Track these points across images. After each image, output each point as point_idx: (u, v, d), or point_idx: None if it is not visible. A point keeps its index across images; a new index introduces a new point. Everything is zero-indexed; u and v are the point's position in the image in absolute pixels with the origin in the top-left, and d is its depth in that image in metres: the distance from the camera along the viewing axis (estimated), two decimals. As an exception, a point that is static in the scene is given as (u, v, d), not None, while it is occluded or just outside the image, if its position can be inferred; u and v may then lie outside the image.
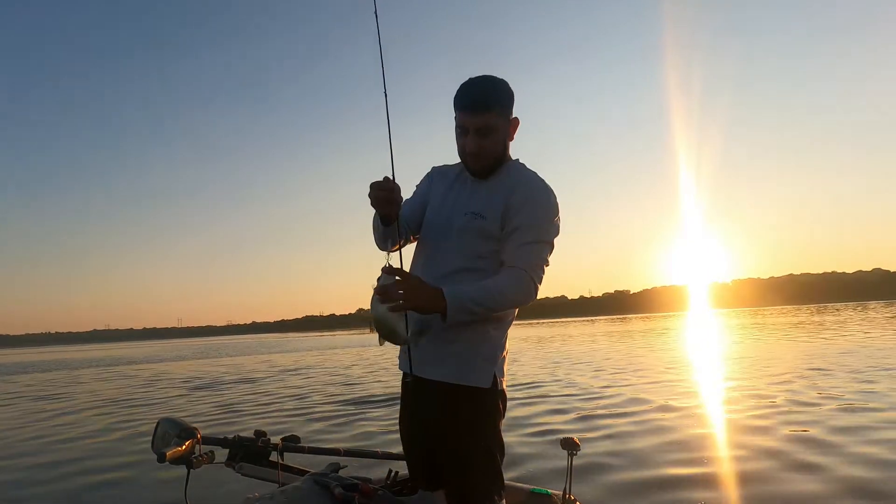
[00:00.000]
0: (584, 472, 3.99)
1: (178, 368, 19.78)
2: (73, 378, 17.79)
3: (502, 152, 1.70)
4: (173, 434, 1.83)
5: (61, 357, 41.50)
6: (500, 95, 1.65)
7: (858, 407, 6.09)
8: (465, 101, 1.64)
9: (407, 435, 1.80)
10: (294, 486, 1.67)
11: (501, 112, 1.65)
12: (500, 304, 1.58)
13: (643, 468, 4.17)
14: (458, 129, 1.67)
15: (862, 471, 3.82)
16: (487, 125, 1.62)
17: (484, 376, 1.64)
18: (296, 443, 2.11)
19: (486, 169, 1.70)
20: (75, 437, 6.77)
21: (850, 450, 4.36)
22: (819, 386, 7.68)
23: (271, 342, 56.56)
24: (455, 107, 1.66)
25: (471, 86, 1.65)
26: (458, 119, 1.66)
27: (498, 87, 1.65)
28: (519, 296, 1.60)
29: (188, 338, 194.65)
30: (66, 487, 4.52)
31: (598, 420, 6.12)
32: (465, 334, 1.63)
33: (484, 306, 1.54)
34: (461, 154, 1.71)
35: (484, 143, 1.64)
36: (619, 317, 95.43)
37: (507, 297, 1.59)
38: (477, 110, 1.61)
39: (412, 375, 1.70)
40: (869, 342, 14.64)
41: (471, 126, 1.63)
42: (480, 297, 1.53)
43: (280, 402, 8.89)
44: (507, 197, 1.66)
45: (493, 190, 1.69)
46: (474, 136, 1.63)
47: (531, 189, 1.67)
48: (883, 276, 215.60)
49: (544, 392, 8.37)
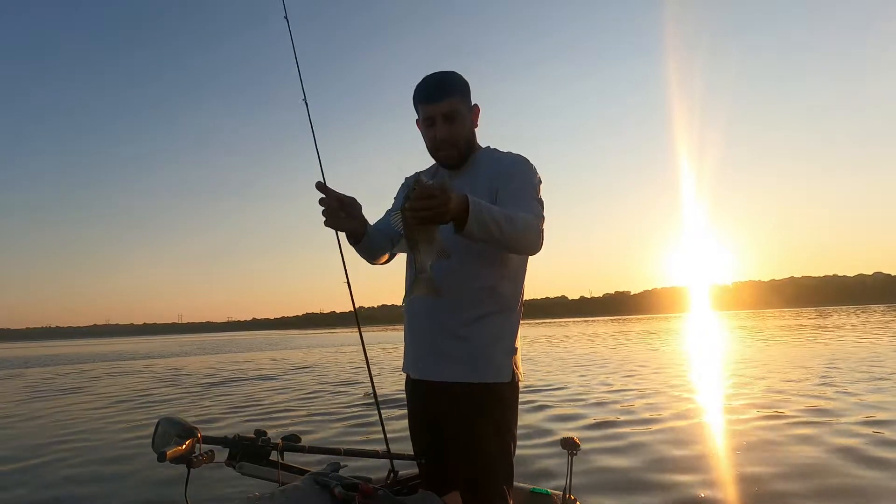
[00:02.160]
0: (584, 472, 3.99)
1: (189, 364, 19.77)
2: (85, 373, 17.78)
3: (471, 138, 1.76)
4: (173, 433, 1.82)
5: (65, 351, 41.49)
6: (456, 82, 1.71)
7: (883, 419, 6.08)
8: (426, 92, 1.69)
9: (420, 436, 1.82)
10: (294, 485, 1.67)
11: (462, 99, 1.71)
12: (517, 233, 1.49)
13: (644, 468, 4.17)
14: (425, 123, 1.71)
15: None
16: (452, 110, 1.67)
17: (504, 371, 1.66)
18: (296, 442, 2.10)
19: (461, 156, 1.73)
20: (81, 433, 6.78)
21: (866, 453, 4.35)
22: (825, 394, 7.67)
23: (276, 339, 56.59)
24: (417, 102, 1.72)
25: (428, 79, 1.72)
26: (423, 112, 1.71)
27: (454, 76, 1.72)
28: (532, 235, 1.55)
29: (189, 334, 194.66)
30: (65, 488, 4.52)
31: (598, 420, 6.11)
32: (483, 329, 1.65)
33: (501, 228, 1.44)
34: (432, 148, 1.74)
35: (453, 128, 1.69)
36: (620, 318, 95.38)
37: (524, 231, 1.52)
38: (440, 98, 1.67)
39: (425, 381, 1.72)
40: (869, 347, 14.62)
41: (437, 114, 1.67)
42: (502, 216, 1.45)
43: (282, 403, 8.90)
44: (491, 178, 1.70)
45: (474, 176, 1.72)
46: (443, 123, 1.68)
47: (513, 161, 1.74)
48: (884, 279, 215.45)
49: (544, 392, 8.36)
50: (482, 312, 1.67)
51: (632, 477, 3.99)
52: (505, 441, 1.65)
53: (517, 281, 1.74)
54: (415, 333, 1.79)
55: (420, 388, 1.77)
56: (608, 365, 12.44)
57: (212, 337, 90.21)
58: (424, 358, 1.73)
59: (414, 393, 1.83)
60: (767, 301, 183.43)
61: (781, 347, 15.75)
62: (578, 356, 15.33)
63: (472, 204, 1.39)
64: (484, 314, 1.67)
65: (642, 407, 6.84)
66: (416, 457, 1.85)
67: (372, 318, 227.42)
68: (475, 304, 1.67)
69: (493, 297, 1.69)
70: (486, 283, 1.68)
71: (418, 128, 1.78)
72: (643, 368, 11.40)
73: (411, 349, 1.81)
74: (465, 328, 1.65)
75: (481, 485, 1.62)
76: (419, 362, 1.76)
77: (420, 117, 1.73)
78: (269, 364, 18.06)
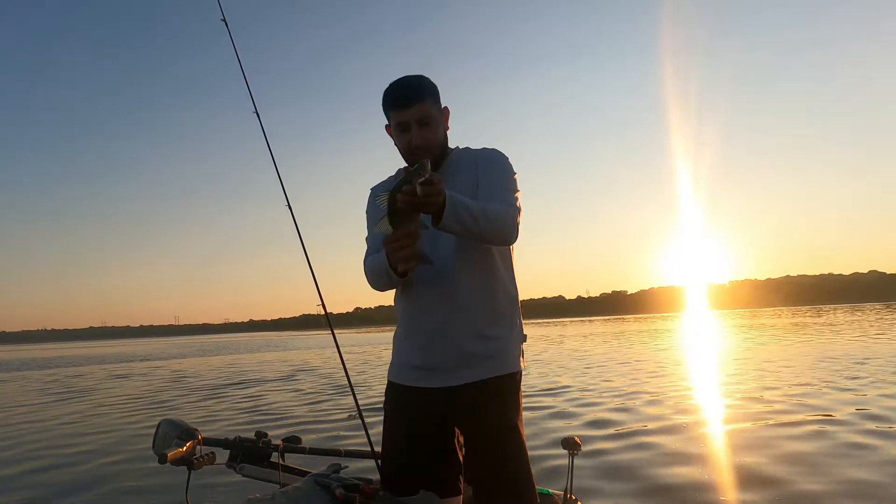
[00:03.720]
0: (585, 472, 3.99)
1: (192, 366, 19.73)
2: (90, 375, 17.73)
3: (445, 141, 1.74)
4: (174, 435, 1.82)
5: (63, 354, 41.36)
6: (426, 86, 1.68)
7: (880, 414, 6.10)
8: (397, 97, 1.66)
9: (409, 440, 1.70)
10: (295, 486, 1.67)
11: (434, 102, 1.68)
12: (492, 224, 1.53)
13: (646, 468, 4.17)
14: (398, 129, 1.68)
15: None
16: (425, 114, 1.65)
17: (518, 360, 1.71)
18: (297, 443, 2.10)
19: (436, 159, 1.69)
20: (87, 434, 6.76)
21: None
22: (825, 391, 7.69)
23: (275, 340, 56.49)
24: (388, 108, 1.68)
25: (397, 84, 1.68)
26: (395, 119, 1.67)
27: (423, 80, 1.69)
28: (508, 226, 1.58)
29: (186, 335, 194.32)
30: (66, 487, 4.51)
31: (598, 420, 6.12)
32: (505, 322, 1.68)
33: (477, 220, 1.48)
34: (407, 154, 1.70)
35: (427, 134, 1.66)
36: (617, 317, 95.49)
37: (498, 223, 1.55)
38: (412, 103, 1.64)
39: (446, 389, 1.65)
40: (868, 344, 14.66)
41: (410, 119, 1.64)
42: (477, 209, 1.49)
43: (282, 403, 8.89)
44: (470, 175, 1.69)
45: (452, 176, 1.69)
46: (417, 129, 1.65)
47: (489, 155, 1.73)
48: (879, 277, 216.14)
49: (543, 392, 8.37)
50: (501, 306, 1.69)
51: (633, 477, 3.99)
52: (521, 427, 1.67)
53: (513, 268, 1.78)
54: (430, 338, 1.66)
55: (428, 396, 1.67)
56: (608, 364, 12.46)
57: (210, 339, 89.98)
58: (447, 366, 1.64)
59: (412, 402, 1.70)
60: (764, 300, 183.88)
61: (780, 346, 15.78)
62: (578, 356, 15.34)
63: (448, 198, 1.41)
64: (503, 307, 1.70)
65: (643, 406, 6.85)
66: (397, 471, 1.73)
67: (370, 318, 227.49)
68: (494, 300, 1.68)
69: (506, 290, 1.72)
70: (498, 278, 1.70)
71: (388, 133, 1.75)
72: (643, 368, 11.41)
73: (419, 355, 1.69)
74: (491, 327, 1.65)
75: (517, 472, 1.60)
76: (441, 372, 1.65)
77: (392, 123, 1.70)
78: (269, 366, 18.05)
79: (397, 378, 1.76)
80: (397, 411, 1.76)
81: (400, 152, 1.74)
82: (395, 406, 1.77)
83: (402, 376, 1.74)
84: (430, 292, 1.66)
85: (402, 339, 1.77)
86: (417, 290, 1.70)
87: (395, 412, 1.77)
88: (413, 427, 1.71)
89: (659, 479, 3.91)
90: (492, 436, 1.62)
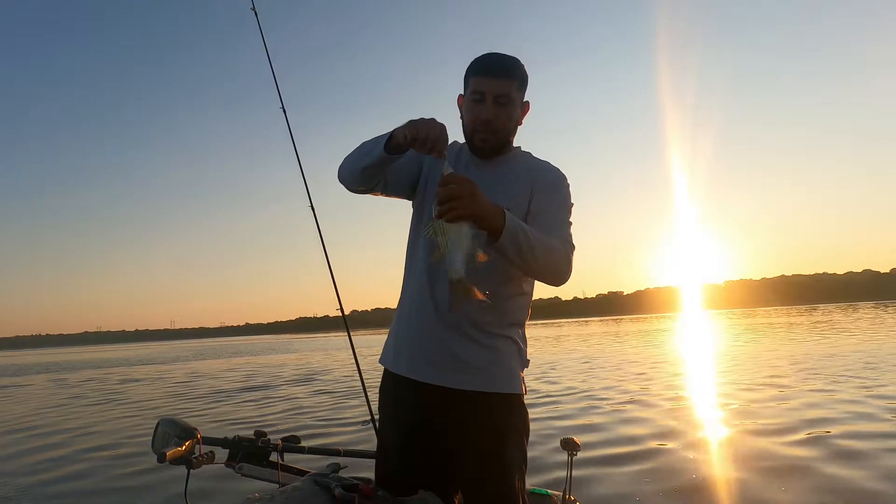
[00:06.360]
0: (584, 473, 3.99)
1: (196, 368, 19.65)
2: (104, 379, 17.64)
3: (513, 132, 1.63)
4: (173, 434, 1.82)
5: (60, 359, 41.13)
6: (520, 69, 1.58)
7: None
8: (487, 64, 1.55)
9: (403, 437, 1.66)
10: (294, 486, 1.66)
11: (520, 87, 1.58)
12: (548, 259, 1.42)
13: (645, 468, 4.18)
14: (474, 97, 1.55)
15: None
16: (507, 93, 1.54)
17: (519, 382, 1.61)
18: (296, 443, 2.09)
19: (496, 146, 1.59)
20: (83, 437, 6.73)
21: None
22: (824, 389, 7.71)
23: (273, 343, 56.32)
24: (472, 73, 1.57)
25: (493, 54, 1.58)
26: (475, 85, 1.55)
27: (519, 62, 1.59)
28: (562, 265, 1.47)
29: (182, 339, 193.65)
30: (65, 488, 4.48)
31: (598, 420, 6.12)
32: (509, 339, 1.59)
33: (533, 248, 1.37)
34: (470, 127, 1.58)
35: (500, 113, 1.55)
36: (613, 318, 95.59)
37: (554, 259, 1.44)
38: (500, 74, 1.54)
39: (432, 386, 1.57)
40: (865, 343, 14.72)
41: (490, 92, 1.53)
42: (535, 237, 1.39)
43: (282, 404, 8.87)
44: (527, 181, 1.59)
45: (506, 172, 1.60)
46: (492, 105, 1.54)
47: (556, 176, 1.64)
48: (873, 277, 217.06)
49: (543, 392, 8.38)
50: (511, 321, 1.60)
51: (632, 478, 3.99)
52: (523, 450, 1.61)
53: (531, 294, 1.68)
54: (423, 331, 1.59)
55: (415, 389, 1.60)
56: (606, 365, 12.48)
57: (208, 342, 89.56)
58: (437, 362, 1.57)
59: (404, 391, 1.63)
60: (759, 299, 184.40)
61: (778, 345, 15.84)
62: (575, 357, 15.36)
63: (509, 219, 1.33)
64: (512, 323, 1.61)
65: (642, 407, 6.86)
66: (388, 456, 1.70)
67: (364, 321, 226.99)
68: (505, 312, 1.58)
69: (520, 307, 1.63)
70: (517, 290, 1.60)
71: (458, 105, 1.63)
72: (641, 368, 11.44)
73: (411, 346, 1.62)
74: (492, 339, 1.55)
75: (501, 494, 1.53)
76: (429, 367, 1.58)
77: (468, 90, 1.57)
78: (269, 368, 17.99)
79: (388, 363, 1.70)
80: (392, 402, 1.71)
81: (463, 127, 1.62)
82: (391, 397, 1.71)
83: (389, 361, 1.69)
84: (439, 288, 1.57)
85: (403, 325, 1.68)
86: (429, 283, 1.60)
87: (389, 405, 1.71)
88: (409, 417, 1.65)
89: (659, 479, 3.92)
90: (470, 447, 1.55)
